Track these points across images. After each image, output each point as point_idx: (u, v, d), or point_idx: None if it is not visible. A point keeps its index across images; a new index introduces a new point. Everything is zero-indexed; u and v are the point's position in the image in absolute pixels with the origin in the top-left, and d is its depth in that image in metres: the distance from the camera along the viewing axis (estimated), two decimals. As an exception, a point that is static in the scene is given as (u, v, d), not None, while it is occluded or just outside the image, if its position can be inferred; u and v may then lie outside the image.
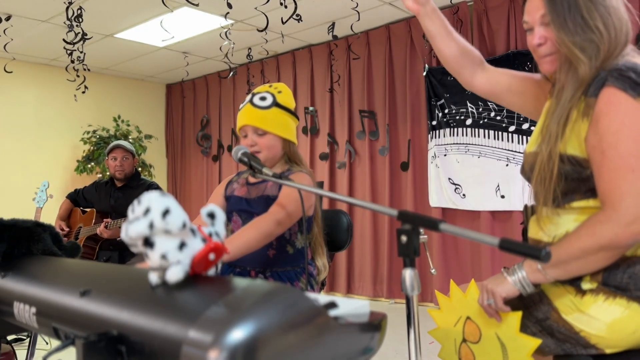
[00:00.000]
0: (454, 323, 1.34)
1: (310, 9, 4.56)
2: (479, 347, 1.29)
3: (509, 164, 4.22)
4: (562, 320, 1.18)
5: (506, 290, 1.20)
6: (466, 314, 1.31)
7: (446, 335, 1.37)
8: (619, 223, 1.09)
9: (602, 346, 1.15)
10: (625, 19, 1.20)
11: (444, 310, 1.37)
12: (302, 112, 5.69)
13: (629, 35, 1.21)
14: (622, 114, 1.11)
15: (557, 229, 1.23)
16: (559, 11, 1.18)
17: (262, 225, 1.61)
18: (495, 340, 1.24)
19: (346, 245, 1.99)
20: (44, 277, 0.98)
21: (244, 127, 1.77)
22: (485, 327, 1.27)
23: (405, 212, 0.92)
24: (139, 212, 0.77)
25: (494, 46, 4.42)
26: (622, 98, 1.12)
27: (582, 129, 1.16)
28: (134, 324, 0.72)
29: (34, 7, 4.42)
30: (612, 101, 1.13)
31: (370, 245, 5.07)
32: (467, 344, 1.32)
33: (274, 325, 0.64)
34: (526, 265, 1.20)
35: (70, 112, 6.32)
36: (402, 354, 3.22)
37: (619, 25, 1.18)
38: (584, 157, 1.17)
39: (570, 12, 1.18)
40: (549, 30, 1.21)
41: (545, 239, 1.25)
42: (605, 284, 1.16)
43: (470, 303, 1.29)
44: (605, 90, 1.14)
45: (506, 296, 1.21)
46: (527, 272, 1.19)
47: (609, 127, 1.12)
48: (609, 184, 1.12)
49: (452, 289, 1.35)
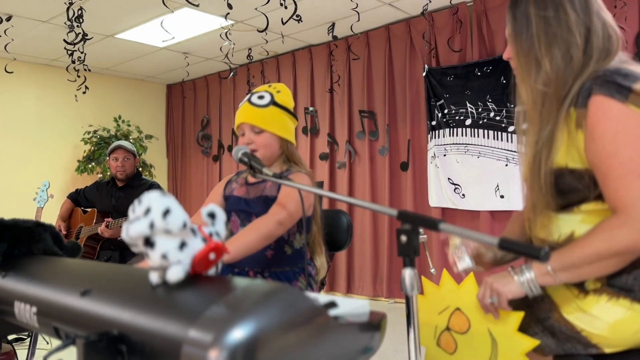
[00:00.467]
0: (439, 311, 1.34)
1: (310, 9, 4.56)
2: (464, 338, 1.28)
3: (508, 164, 4.22)
4: (564, 320, 1.18)
5: (512, 291, 1.19)
6: (456, 305, 1.30)
7: (427, 321, 1.36)
8: (635, 229, 1.10)
9: (603, 346, 1.15)
10: (601, 34, 1.20)
11: (428, 296, 1.36)
12: (302, 112, 5.69)
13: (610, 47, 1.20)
14: (615, 121, 1.12)
15: (561, 228, 1.23)
16: (517, 30, 1.25)
17: (263, 227, 1.61)
18: (487, 336, 1.23)
19: (346, 245, 1.99)
20: (44, 277, 0.99)
21: (241, 125, 1.77)
22: (477, 321, 1.26)
23: (405, 212, 0.92)
24: (139, 212, 0.77)
25: (493, 46, 4.42)
26: (610, 105, 1.12)
27: (579, 141, 1.17)
28: (135, 323, 0.72)
29: (34, 7, 4.42)
30: (601, 109, 1.13)
31: (370, 245, 5.07)
32: (451, 333, 1.31)
33: (274, 324, 0.65)
34: (535, 267, 1.18)
35: (71, 112, 6.32)
36: (402, 354, 3.22)
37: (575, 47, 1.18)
38: (586, 167, 1.17)
39: (527, 32, 1.23)
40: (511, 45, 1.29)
41: (550, 238, 1.25)
42: (610, 285, 1.16)
43: (464, 296, 1.29)
44: (592, 99, 1.14)
45: (512, 297, 1.19)
46: (536, 274, 1.17)
47: (605, 136, 1.12)
48: (618, 192, 1.12)
49: (444, 279, 1.34)
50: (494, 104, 4.33)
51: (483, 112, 4.40)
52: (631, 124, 1.11)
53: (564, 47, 1.19)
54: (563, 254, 1.16)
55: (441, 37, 4.71)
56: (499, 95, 4.31)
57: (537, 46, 1.21)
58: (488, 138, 4.36)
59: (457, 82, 4.54)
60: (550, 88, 1.20)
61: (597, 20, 1.20)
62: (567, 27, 1.19)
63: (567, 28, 1.19)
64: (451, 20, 4.64)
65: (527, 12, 1.23)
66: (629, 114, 1.11)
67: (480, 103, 4.41)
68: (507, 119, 4.26)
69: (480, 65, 4.41)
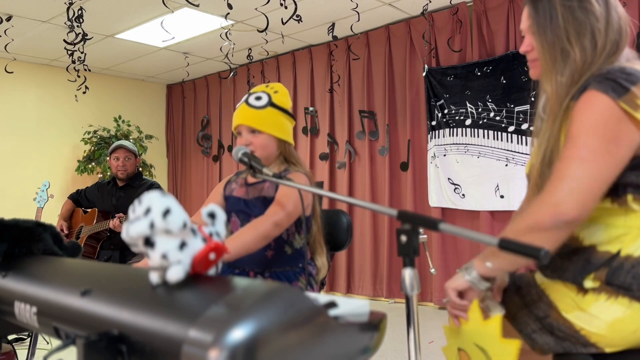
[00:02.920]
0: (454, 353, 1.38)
1: (310, 9, 4.56)
2: None
3: (508, 164, 4.22)
4: (562, 319, 1.18)
5: (456, 284, 1.24)
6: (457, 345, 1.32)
7: None
8: (545, 203, 1.11)
9: (602, 345, 1.15)
10: (616, 27, 1.21)
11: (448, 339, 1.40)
12: (302, 112, 5.69)
13: (620, 42, 1.21)
14: (594, 111, 1.12)
15: None
16: (540, 22, 1.24)
17: (260, 227, 1.61)
18: (477, 351, 1.24)
19: (346, 245, 1.99)
20: (44, 277, 0.99)
21: (239, 126, 1.77)
22: (468, 345, 1.26)
23: (405, 212, 0.92)
24: (139, 212, 0.77)
25: (493, 47, 4.42)
26: (599, 98, 1.12)
27: None
28: (135, 323, 0.72)
29: (34, 7, 4.42)
30: (587, 100, 1.14)
31: (370, 245, 5.07)
32: None
33: (274, 324, 0.65)
34: (476, 259, 1.23)
35: (71, 112, 6.32)
36: (402, 354, 3.22)
37: (600, 36, 1.19)
38: None
39: (552, 24, 1.22)
40: (534, 39, 1.27)
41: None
42: (609, 283, 1.16)
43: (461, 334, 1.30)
44: (585, 93, 1.15)
45: (455, 287, 1.23)
46: (475, 263, 1.22)
47: (578, 121, 1.14)
48: (557, 171, 1.13)
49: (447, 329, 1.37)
50: (494, 104, 4.33)
51: (483, 112, 4.40)
52: (610, 118, 1.11)
53: (590, 35, 1.20)
54: None
55: (441, 37, 4.71)
56: (499, 95, 4.31)
57: (565, 37, 1.21)
58: (488, 138, 4.36)
59: (457, 82, 4.54)
60: (575, 78, 1.20)
61: (614, 13, 1.21)
62: (594, 16, 1.20)
63: (594, 17, 1.20)
64: (451, 20, 4.64)
65: (551, 4, 1.23)
66: (614, 109, 1.11)
67: (480, 103, 4.41)
68: (507, 119, 4.26)
69: (480, 65, 4.42)
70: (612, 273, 1.16)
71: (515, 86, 4.21)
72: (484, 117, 4.39)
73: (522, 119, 4.18)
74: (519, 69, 4.18)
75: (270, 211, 1.65)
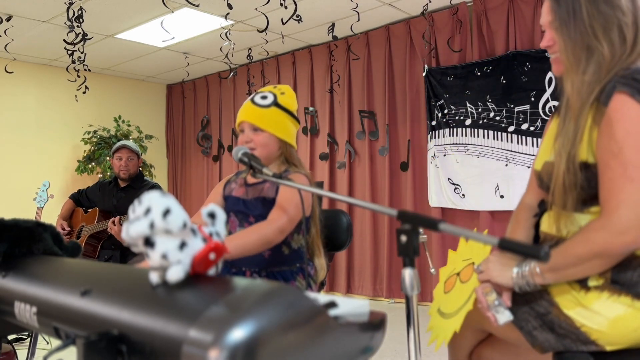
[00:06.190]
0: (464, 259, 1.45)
1: (310, 9, 4.56)
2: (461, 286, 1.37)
3: (508, 164, 4.22)
4: (563, 315, 1.18)
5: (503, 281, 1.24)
6: (474, 260, 1.38)
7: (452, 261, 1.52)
8: (611, 231, 1.10)
9: (603, 342, 1.14)
10: (638, 22, 1.18)
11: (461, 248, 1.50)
12: (302, 112, 5.69)
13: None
14: (629, 122, 1.10)
15: (571, 226, 1.23)
16: (562, 17, 1.20)
17: (264, 232, 1.60)
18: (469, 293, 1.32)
19: (346, 245, 1.99)
20: (44, 277, 0.99)
21: (242, 123, 1.78)
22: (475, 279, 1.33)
23: (405, 212, 0.92)
24: (139, 212, 0.77)
25: (493, 47, 4.42)
26: (630, 105, 1.11)
27: (593, 137, 1.16)
28: (135, 323, 0.72)
29: (34, 7, 4.42)
30: (619, 108, 1.12)
31: (370, 245, 5.07)
32: (457, 277, 1.40)
33: (274, 324, 0.65)
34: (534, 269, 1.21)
35: (71, 112, 6.32)
36: (402, 354, 3.22)
37: (628, 30, 1.17)
38: (596, 164, 1.17)
39: (575, 19, 1.19)
40: (557, 34, 1.24)
41: (558, 234, 1.25)
42: (614, 282, 1.16)
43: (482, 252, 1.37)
44: (615, 97, 1.13)
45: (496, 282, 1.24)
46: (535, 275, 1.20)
47: (614, 135, 1.11)
48: (608, 192, 1.12)
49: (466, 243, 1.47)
50: (493, 104, 4.33)
51: (483, 112, 4.40)
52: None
53: (618, 30, 1.17)
54: None
55: (441, 37, 4.71)
56: (499, 95, 4.31)
57: (591, 32, 1.17)
58: (488, 138, 4.36)
59: (457, 82, 4.54)
60: (601, 75, 1.17)
61: None
62: (620, 10, 1.17)
63: (620, 10, 1.17)
64: (451, 20, 4.64)
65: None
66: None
67: (480, 103, 4.41)
68: (507, 119, 4.26)
69: (480, 65, 4.42)
70: (617, 272, 1.16)
71: (515, 86, 4.21)
72: (484, 117, 4.39)
73: (522, 119, 4.18)
74: (519, 69, 4.18)
75: (274, 216, 1.65)
